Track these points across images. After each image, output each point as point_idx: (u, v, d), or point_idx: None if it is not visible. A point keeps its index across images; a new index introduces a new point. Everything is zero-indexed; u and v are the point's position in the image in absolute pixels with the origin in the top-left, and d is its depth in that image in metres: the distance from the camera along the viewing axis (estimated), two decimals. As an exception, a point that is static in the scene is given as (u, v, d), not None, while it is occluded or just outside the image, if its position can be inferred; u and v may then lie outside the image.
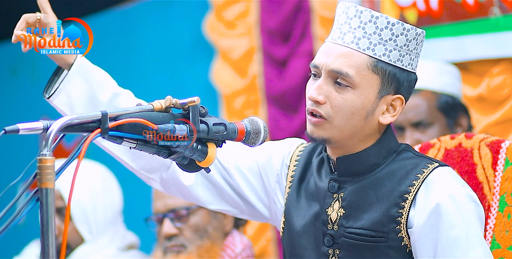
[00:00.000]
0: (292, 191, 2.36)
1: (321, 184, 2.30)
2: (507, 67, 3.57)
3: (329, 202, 2.26)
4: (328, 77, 2.20)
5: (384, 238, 2.18)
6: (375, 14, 2.21)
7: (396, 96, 2.24)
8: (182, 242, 3.11)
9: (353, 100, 2.19)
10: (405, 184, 2.19)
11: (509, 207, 2.31)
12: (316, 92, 2.20)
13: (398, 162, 2.24)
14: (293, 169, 2.39)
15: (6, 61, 6.38)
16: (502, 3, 3.49)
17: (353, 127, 2.21)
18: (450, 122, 3.43)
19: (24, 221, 5.31)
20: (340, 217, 2.24)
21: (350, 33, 2.20)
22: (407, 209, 2.17)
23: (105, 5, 5.62)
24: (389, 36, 2.20)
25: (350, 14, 2.21)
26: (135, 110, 1.90)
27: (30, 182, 1.77)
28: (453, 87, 3.49)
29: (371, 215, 2.20)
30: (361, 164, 2.25)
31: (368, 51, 2.19)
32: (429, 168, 2.20)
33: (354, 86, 2.19)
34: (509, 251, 2.29)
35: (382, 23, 2.20)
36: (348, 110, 2.19)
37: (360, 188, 2.24)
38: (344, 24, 2.22)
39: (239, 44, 4.78)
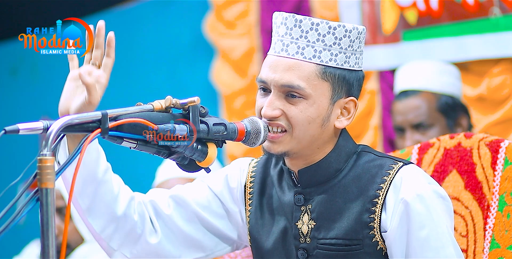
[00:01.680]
0: (254, 208, 2.31)
1: (285, 197, 2.25)
2: (507, 67, 3.57)
3: (297, 215, 2.22)
4: (279, 92, 2.16)
5: (359, 245, 2.15)
6: (315, 21, 2.16)
7: (349, 99, 2.20)
8: (182, 242, 3.11)
9: (308, 110, 2.15)
10: (373, 188, 2.16)
11: (508, 207, 2.32)
12: (269, 109, 2.15)
13: (361, 165, 2.20)
14: (250, 186, 2.33)
15: (6, 61, 6.39)
16: (502, 3, 3.49)
17: (311, 136, 2.17)
18: (450, 123, 3.43)
19: (24, 221, 5.31)
20: (312, 229, 2.20)
21: (293, 44, 2.16)
22: (378, 213, 2.14)
23: (105, 5, 5.63)
24: (333, 40, 2.16)
25: (290, 25, 2.17)
26: (135, 110, 1.90)
27: (30, 182, 1.77)
28: (453, 87, 3.49)
29: (343, 223, 2.17)
30: (323, 172, 2.20)
31: (315, 59, 2.15)
32: (394, 168, 2.16)
33: (306, 96, 2.15)
34: (508, 250, 2.29)
35: (323, 29, 2.16)
36: (305, 120, 2.15)
37: (327, 197, 2.20)
38: (285, 36, 2.17)
39: (239, 44, 4.79)
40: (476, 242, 2.36)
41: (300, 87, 2.13)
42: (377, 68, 4.10)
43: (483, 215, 2.36)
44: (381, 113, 4.13)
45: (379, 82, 4.14)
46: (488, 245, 2.32)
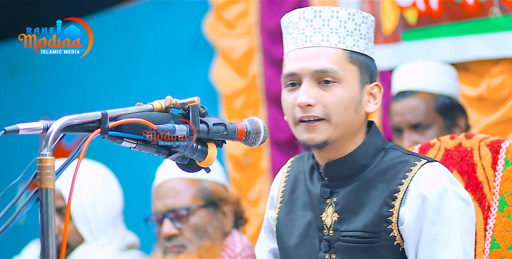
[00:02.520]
0: (284, 205, 2.36)
1: (314, 190, 2.30)
2: (507, 67, 3.57)
3: (323, 208, 2.26)
4: (311, 79, 2.20)
5: (376, 238, 2.18)
6: (334, 9, 2.22)
7: (374, 84, 2.29)
8: (182, 242, 3.11)
9: (343, 94, 2.20)
10: (395, 183, 2.19)
11: (509, 207, 2.32)
12: (305, 97, 2.19)
13: (387, 162, 2.23)
14: (284, 185, 2.39)
15: (6, 61, 6.39)
16: (502, 3, 3.49)
17: (347, 121, 2.21)
18: (448, 123, 3.43)
19: (24, 221, 5.31)
20: (335, 221, 2.24)
21: (317, 33, 2.21)
22: (397, 207, 2.17)
23: (105, 5, 5.63)
24: (353, 26, 2.23)
25: (309, 17, 2.22)
26: (135, 110, 1.90)
27: (30, 182, 1.77)
28: (450, 87, 3.49)
29: (364, 216, 2.20)
30: (349, 167, 2.24)
31: (340, 45, 2.21)
32: (417, 165, 2.19)
33: (340, 80, 2.20)
34: (509, 251, 2.29)
35: (343, 15, 2.22)
36: (341, 105, 2.20)
37: (352, 191, 2.23)
38: (306, 28, 2.22)
39: (239, 44, 4.79)
40: (477, 243, 2.36)
41: (334, 70, 2.18)
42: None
43: (483, 216, 2.36)
44: (381, 113, 4.13)
45: (379, 82, 4.14)
46: (488, 246, 2.32)
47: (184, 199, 3.13)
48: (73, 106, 5.69)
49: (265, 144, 4.64)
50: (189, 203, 3.12)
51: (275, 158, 4.66)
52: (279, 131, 4.60)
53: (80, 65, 5.76)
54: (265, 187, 4.67)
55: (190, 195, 3.14)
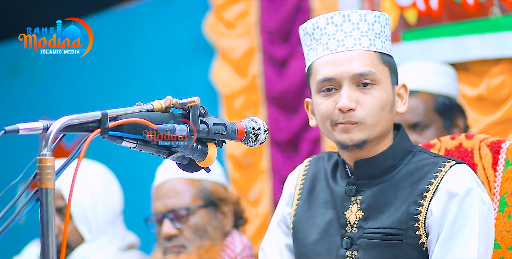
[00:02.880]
0: (303, 202, 2.40)
1: (337, 188, 2.33)
2: (507, 67, 3.56)
3: (347, 205, 2.30)
4: (350, 83, 2.24)
5: (402, 235, 2.21)
6: (362, 12, 2.27)
7: (401, 84, 2.34)
8: (182, 242, 3.11)
9: (380, 95, 2.25)
10: (424, 183, 2.23)
11: (509, 208, 2.31)
12: (347, 101, 2.22)
13: (415, 163, 2.28)
14: (302, 182, 2.43)
15: (6, 61, 6.39)
16: (502, 3, 3.49)
17: (384, 122, 2.27)
18: (447, 123, 3.43)
19: (24, 221, 5.32)
20: (359, 219, 2.28)
21: (348, 37, 2.25)
22: (426, 205, 2.20)
23: (105, 5, 5.63)
24: (380, 28, 2.28)
25: (338, 22, 2.26)
26: (135, 110, 1.90)
27: (30, 182, 1.77)
28: (449, 87, 3.49)
29: (390, 215, 2.24)
30: (378, 167, 2.29)
31: (372, 47, 2.26)
32: (446, 166, 2.24)
33: (377, 82, 2.25)
34: (509, 251, 2.29)
35: (370, 18, 2.27)
36: (379, 106, 2.25)
37: (379, 191, 2.28)
38: (336, 33, 2.26)
39: (239, 44, 4.78)
40: (477, 243, 2.36)
41: (372, 72, 2.24)
42: (377, 68, 4.10)
43: (483, 216, 2.36)
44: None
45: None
46: (490, 246, 2.32)
47: (184, 199, 3.13)
48: (73, 106, 5.69)
49: (265, 144, 4.64)
50: (189, 203, 3.12)
51: (275, 158, 4.65)
52: (279, 131, 4.60)
53: (80, 65, 5.76)
54: (265, 187, 4.67)
55: (190, 195, 3.14)
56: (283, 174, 4.56)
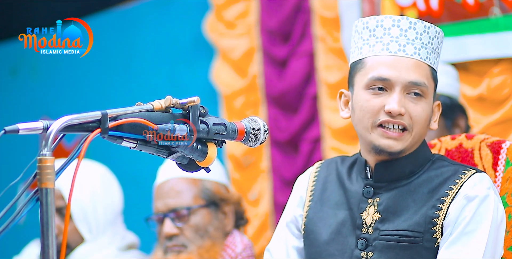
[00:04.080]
0: (314, 203, 2.41)
1: (354, 188, 2.35)
2: (507, 67, 3.56)
3: (364, 206, 2.31)
4: (402, 89, 2.26)
5: (419, 238, 2.22)
6: (427, 25, 2.29)
7: (437, 103, 2.36)
8: (182, 242, 3.11)
9: (426, 109, 2.28)
10: (444, 188, 2.25)
11: (509, 208, 2.31)
12: (398, 105, 2.24)
13: (434, 170, 2.30)
14: (313, 184, 2.44)
15: (6, 61, 6.39)
16: (502, 3, 3.49)
17: (421, 135, 2.30)
18: (448, 123, 3.43)
19: (24, 221, 5.31)
20: (376, 221, 2.28)
21: (410, 45, 2.27)
22: (444, 210, 2.22)
23: (105, 5, 5.63)
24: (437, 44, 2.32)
25: (404, 26, 2.28)
26: (135, 110, 1.90)
27: (30, 182, 1.77)
28: (451, 87, 3.49)
29: (408, 217, 2.25)
30: (398, 171, 2.30)
31: (427, 61, 2.29)
32: (467, 174, 2.26)
33: (426, 95, 2.28)
34: (510, 251, 2.29)
35: (432, 32, 2.30)
36: (424, 119, 2.28)
37: (397, 194, 2.29)
38: (400, 37, 2.28)
39: (239, 44, 4.78)
40: (477, 243, 2.36)
41: (426, 85, 2.26)
42: (377, 68, 4.09)
43: (483, 216, 2.36)
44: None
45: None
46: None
47: (185, 199, 3.13)
48: (73, 106, 5.69)
49: (265, 144, 4.64)
50: (190, 203, 3.12)
51: (275, 158, 4.65)
52: (279, 131, 4.60)
53: (80, 65, 5.76)
54: (265, 187, 4.67)
55: (191, 195, 3.14)
56: (283, 174, 4.56)
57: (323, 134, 4.36)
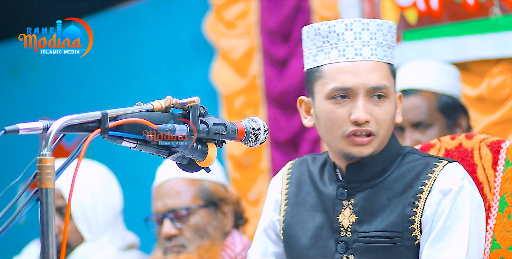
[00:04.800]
0: (290, 207, 2.38)
1: (327, 191, 2.32)
2: (507, 67, 3.56)
3: (339, 209, 2.28)
4: (365, 94, 2.23)
5: (399, 238, 2.21)
6: (379, 22, 2.25)
7: (398, 94, 2.33)
8: (182, 242, 3.11)
9: (390, 108, 2.26)
10: (418, 184, 2.23)
11: (509, 208, 2.31)
12: (364, 113, 2.21)
13: (406, 165, 2.28)
14: (287, 187, 2.41)
15: (6, 61, 6.39)
16: (502, 3, 3.49)
17: (388, 134, 2.28)
18: (450, 123, 3.43)
19: (24, 221, 5.31)
20: (353, 223, 2.26)
21: (366, 47, 2.23)
22: (421, 207, 2.20)
23: (105, 5, 5.63)
24: (391, 39, 2.28)
25: (357, 29, 2.24)
26: (135, 110, 1.90)
27: (30, 182, 1.76)
28: (453, 87, 3.49)
29: (385, 217, 2.23)
30: (370, 170, 2.28)
31: (385, 58, 2.26)
32: (439, 166, 2.24)
33: (389, 95, 2.25)
34: (509, 251, 2.29)
35: (386, 28, 2.26)
36: (389, 119, 2.26)
37: (371, 193, 2.27)
38: (354, 41, 2.23)
39: (239, 44, 4.78)
40: (477, 243, 2.36)
41: (386, 86, 2.23)
42: (377, 68, 4.09)
43: (483, 216, 2.36)
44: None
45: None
46: (488, 246, 2.32)
47: (184, 199, 3.13)
48: (73, 106, 5.69)
49: (265, 144, 4.64)
50: (189, 203, 3.12)
51: (275, 158, 4.65)
52: (279, 131, 4.60)
53: (80, 65, 5.76)
54: (265, 187, 4.67)
55: (190, 195, 3.14)
56: (283, 174, 4.56)
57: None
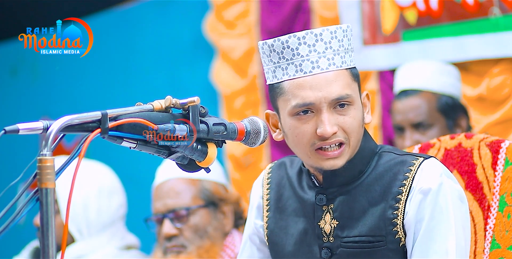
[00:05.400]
0: (272, 213, 2.34)
1: (306, 197, 2.28)
2: (507, 67, 3.57)
3: (320, 215, 2.25)
4: (328, 107, 2.18)
5: (382, 242, 2.18)
6: (332, 29, 2.20)
7: (365, 94, 2.28)
8: (182, 242, 3.11)
9: (357, 114, 2.21)
10: (396, 185, 2.19)
11: (509, 207, 2.31)
12: (329, 127, 2.16)
13: (383, 165, 2.24)
14: (267, 192, 2.37)
15: (6, 61, 6.39)
16: (502, 3, 3.49)
17: (359, 138, 2.23)
18: (450, 123, 3.43)
19: (24, 221, 5.31)
20: (334, 228, 2.23)
21: (322, 58, 2.18)
22: (401, 209, 2.17)
23: (105, 5, 5.63)
24: (347, 42, 2.22)
25: (310, 42, 2.19)
26: (135, 110, 1.90)
27: (30, 182, 1.77)
28: (453, 87, 3.49)
29: (366, 221, 2.20)
30: (347, 174, 2.23)
31: (344, 65, 2.20)
32: (415, 164, 2.20)
33: (353, 102, 2.20)
34: (509, 251, 2.29)
35: (340, 34, 2.21)
36: (357, 125, 2.21)
37: (350, 197, 2.23)
38: (310, 54, 2.18)
39: (239, 44, 4.79)
40: (477, 243, 2.36)
41: (349, 95, 2.19)
42: (376, 68, 4.10)
43: (483, 216, 2.36)
44: (381, 113, 4.13)
45: (379, 82, 4.14)
46: (488, 246, 2.32)
47: (184, 199, 3.13)
48: (73, 106, 5.69)
49: (265, 144, 4.64)
50: (189, 203, 3.12)
51: (275, 158, 4.65)
52: (279, 131, 4.59)
53: (80, 65, 5.76)
54: (265, 187, 4.68)
55: (190, 195, 3.14)
56: (283, 174, 4.56)
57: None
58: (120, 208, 3.43)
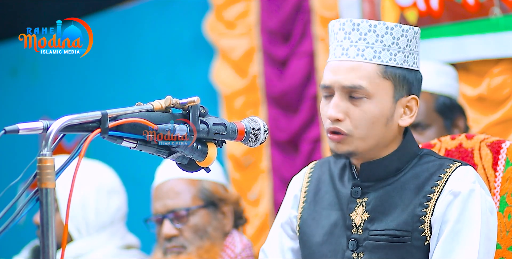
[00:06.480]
0: (308, 204, 2.41)
1: (344, 190, 2.34)
2: (508, 67, 3.56)
3: (352, 207, 2.31)
4: (342, 93, 2.24)
5: (408, 237, 2.22)
6: (373, 23, 2.25)
7: (410, 97, 2.31)
8: (182, 242, 3.11)
9: (372, 109, 2.24)
10: (429, 185, 2.24)
11: (509, 208, 2.31)
12: (334, 111, 2.24)
13: (421, 165, 2.29)
14: (307, 185, 2.43)
15: (6, 61, 6.39)
16: (502, 3, 3.49)
17: (376, 135, 2.26)
18: (447, 123, 3.43)
19: (24, 221, 5.31)
20: (365, 221, 2.28)
21: (353, 47, 2.25)
22: (431, 208, 2.22)
23: (105, 5, 5.63)
24: (391, 40, 2.26)
25: (348, 29, 2.25)
26: (135, 110, 1.90)
27: (30, 182, 1.77)
28: (450, 88, 3.49)
29: (396, 216, 2.24)
30: (384, 169, 2.30)
31: (375, 60, 2.24)
32: (451, 167, 2.25)
33: (369, 96, 2.24)
34: (509, 251, 2.29)
35: (381, 30, 2.25)
36: (369, 120, 2.24)
37: (385, 192, 2.29)
38: (344, 40, 2.26)
39: (239, 44, 4.78)
40: (477, 243, 2.36)
41: (362, 87, 2.22)
42: (377, 68, 4.09)
43: (483, 216, 2.36)
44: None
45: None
46: (491, 247, 2.32)
47: (184, 200, 3.13)
48: (73, 106, 5.69)
49: (265, 144, 4.64)
50: (189, 203, 3.12)
51: (275, 158, 4.65)
52: (279, 131, 4.60)
53: (80, 65, 5.75)
54: (265, 187, 4.67)
55: (189, 195, 3.14)
56: (283, 174, 4.56)
57: (323, 134, 4.36)
58: (120, 208, 3.43)
